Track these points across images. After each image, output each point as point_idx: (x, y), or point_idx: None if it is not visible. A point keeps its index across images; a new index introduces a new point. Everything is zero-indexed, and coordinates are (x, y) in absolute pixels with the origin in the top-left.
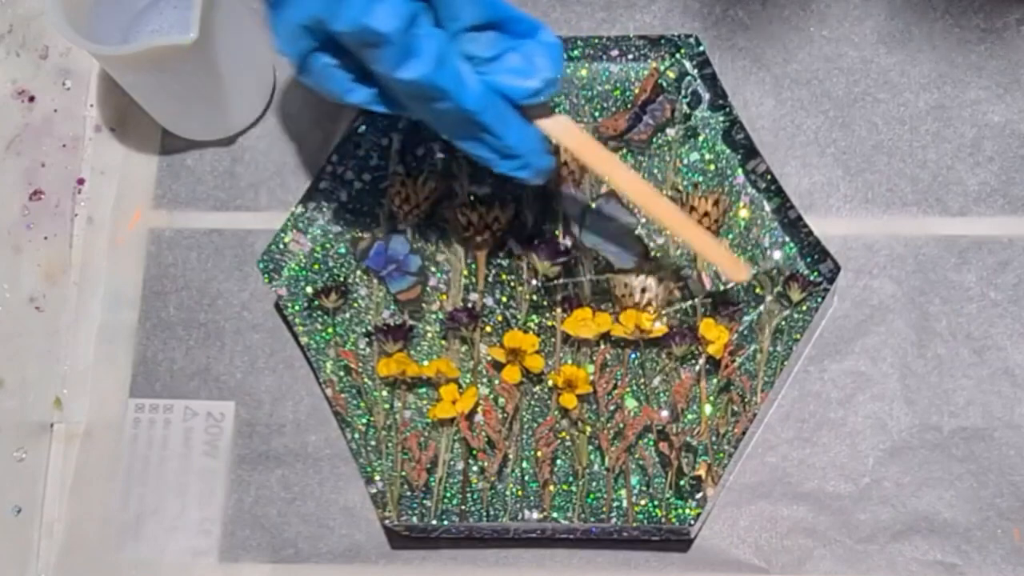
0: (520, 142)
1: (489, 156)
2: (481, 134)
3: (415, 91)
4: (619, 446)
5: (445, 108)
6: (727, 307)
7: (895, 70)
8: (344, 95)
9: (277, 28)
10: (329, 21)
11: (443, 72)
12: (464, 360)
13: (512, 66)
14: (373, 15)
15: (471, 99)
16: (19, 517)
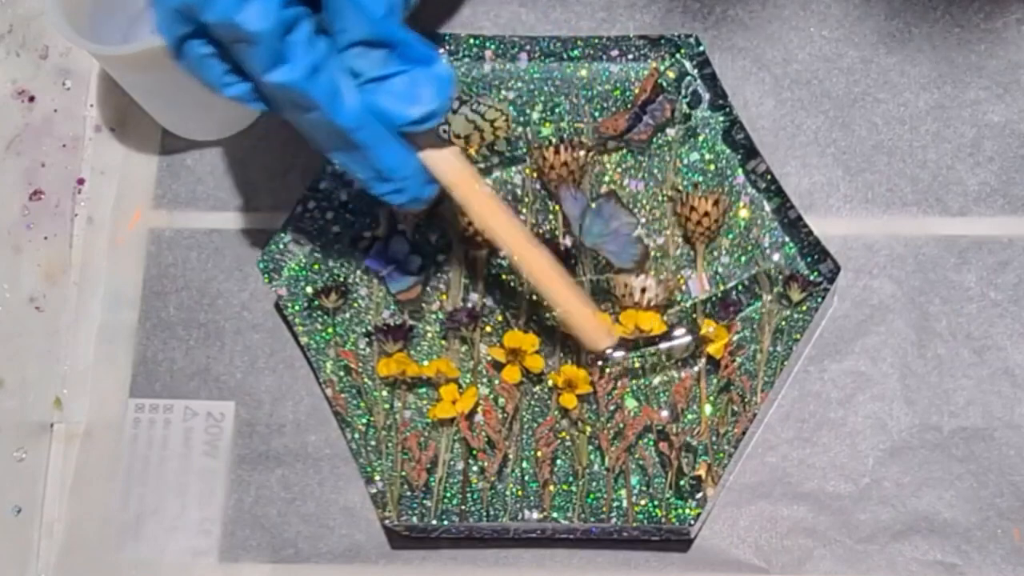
0: (397, 167)
1: (362, 175)
2: (355, 152)
3: (286, 96)
4: (619, 446)
5: (317, 119)
6: (727, 307)
7: (895, 70)
8: (219, 87)
9: (156, 7)
10: (200, 10)
11: (316, 82)
12: (464, 360)
13: (396, 90)
14: (243, 12)
15: (345, 115)
16: (19, 517)
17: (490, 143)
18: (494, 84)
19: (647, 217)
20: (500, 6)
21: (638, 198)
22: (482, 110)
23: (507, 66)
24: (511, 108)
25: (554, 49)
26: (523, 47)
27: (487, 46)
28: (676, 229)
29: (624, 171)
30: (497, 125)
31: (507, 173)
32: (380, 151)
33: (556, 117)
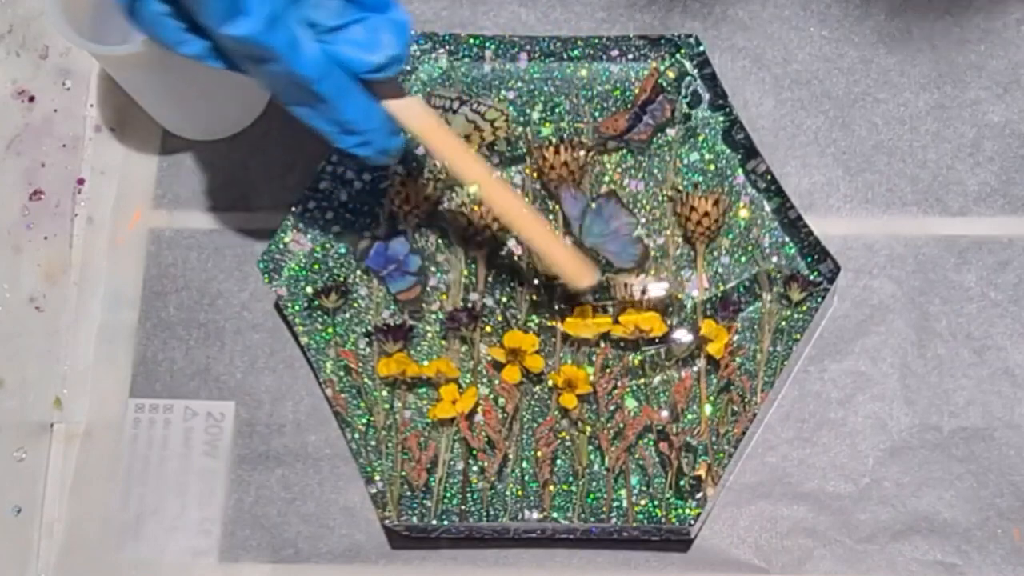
0: (361, 118)
1: (327, 128)
2: (318, 104)
3: (245, 50)
4: (619, 446)
5: (278, 71)
6: (727, 307)
7: (895, 70)
8: (176, 46)
9: None
10: None
11: (275, 33)
12: (464, 360)
13: (355, 38)
14: None
15: (306, 65)
16: (19, 517)
17: (490, 143)
18: (494, 84)
19: (647, 217)
20: (500, 6)
21: (638, 198)
22: (482, 110)
23: (507, 66)
24: (511, 108)
25: (554, 49)
26: (523, 47)
27: (487, 46)
28: (676, 229)
29: (624, 171)
30: (497, 125)
31: (507, 173)
32: (343, 102)
33: (556, 117)
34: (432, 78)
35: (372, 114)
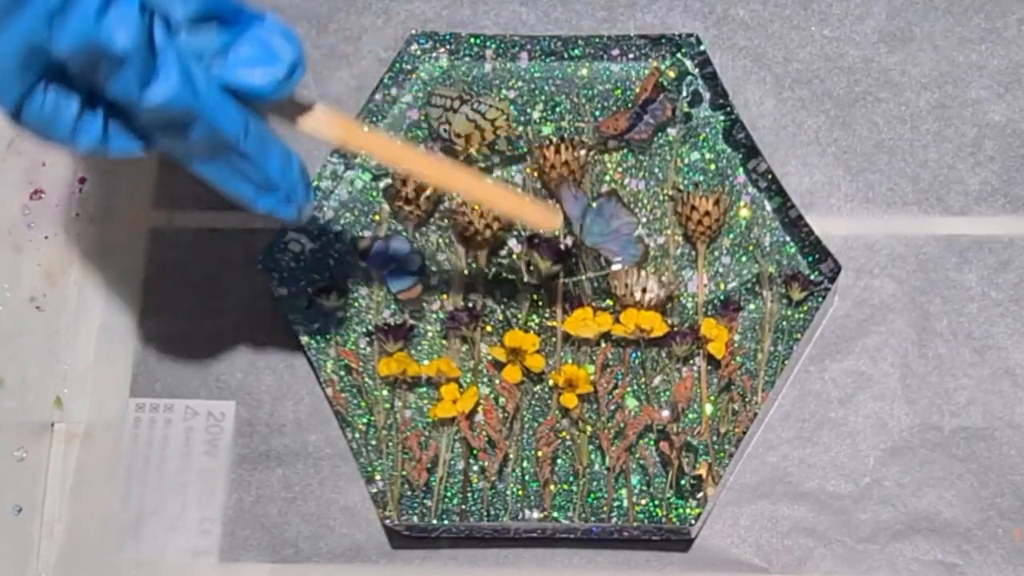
0: (282, 171)
1: (246, 190)
2: (238, 162)
3: (163, 119)
4: (619, 446)
5: (199, 135)
6: (727, 307)
7: (896, 69)
8: (74, 137)
9: None
10: (53, 38)
11: (193, 89)
12: (464, 360)
13: (247, 56)
14: (106, 30)
15: (230, 120)
16: (19, 517)
17: (491, 142)
18: (495, 83)
19: (648, 217)
20: (500, 6)
21: (639, 197)
22: (483, 109)
23: (508, 65)
24: (512, 107)
25: (555, 48)
26: (524, 46)
27: (488, 45)
28: (677, 229)
29: (625, 170)
30: (498, 124)
31: (507, 172)
32: (265, 155)
33: (557, 116)
34: (433, 77)
35: (291, 163)
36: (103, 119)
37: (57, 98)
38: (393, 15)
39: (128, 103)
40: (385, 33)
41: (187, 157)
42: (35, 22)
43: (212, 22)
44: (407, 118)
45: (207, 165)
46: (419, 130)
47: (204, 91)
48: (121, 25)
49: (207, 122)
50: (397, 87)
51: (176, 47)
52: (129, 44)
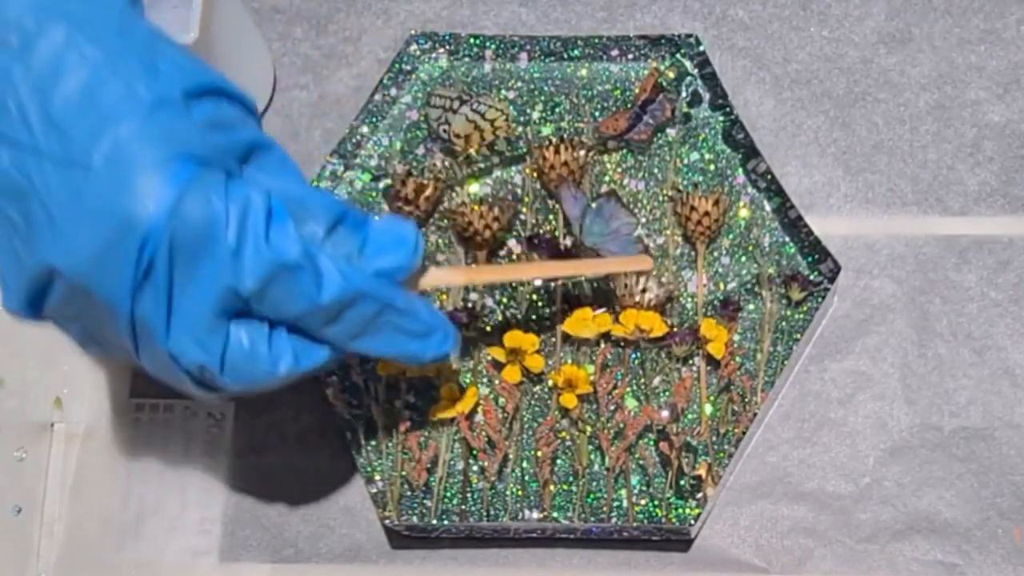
0: (429, 310)
1: (412, 346)
2: (399, 320)
3: (341, 310)
4: (619, 446)
5: (370, 312)
6: (727, 307)
7: (895, 70)
8: (275, 367)
9: (181, 340)
10: (239, 280)
11: (355, 276)
12: (464, 360)
13: (381, 245)
14: (276, 248)
15: (388, 289)
16: (19, 517)
17: (490, 143)
18: (494, 84)
19: (647, 217)
20: (500, 6)
21: (638, 198)
22: (482, 110)
23: (507, 66)
24: (511, 108)
25: (554, 49)
26: (523, 47)
27: (487, 46)
28: (676, 229)
29: (624, 171)
30: (497, 125)
31: (507, 173)
32: (413, 307)
33: (556, 117)
34: (432, 78)
35: (429, 305)
36: (288, 340)
37: (251, 333)
38: (393, 15)
39: (310, 309)
40: (385, 33)
41: (358, 340)
42: (220, 265)
43: (341, 228)
44: (407, 118)
45: (373, 337)
46: (418, 130)
47: (363, 277)
48: (286, 239)
49: (373, 298)
50: (397, 87)
51: (325, 251)
52: (298, 253)
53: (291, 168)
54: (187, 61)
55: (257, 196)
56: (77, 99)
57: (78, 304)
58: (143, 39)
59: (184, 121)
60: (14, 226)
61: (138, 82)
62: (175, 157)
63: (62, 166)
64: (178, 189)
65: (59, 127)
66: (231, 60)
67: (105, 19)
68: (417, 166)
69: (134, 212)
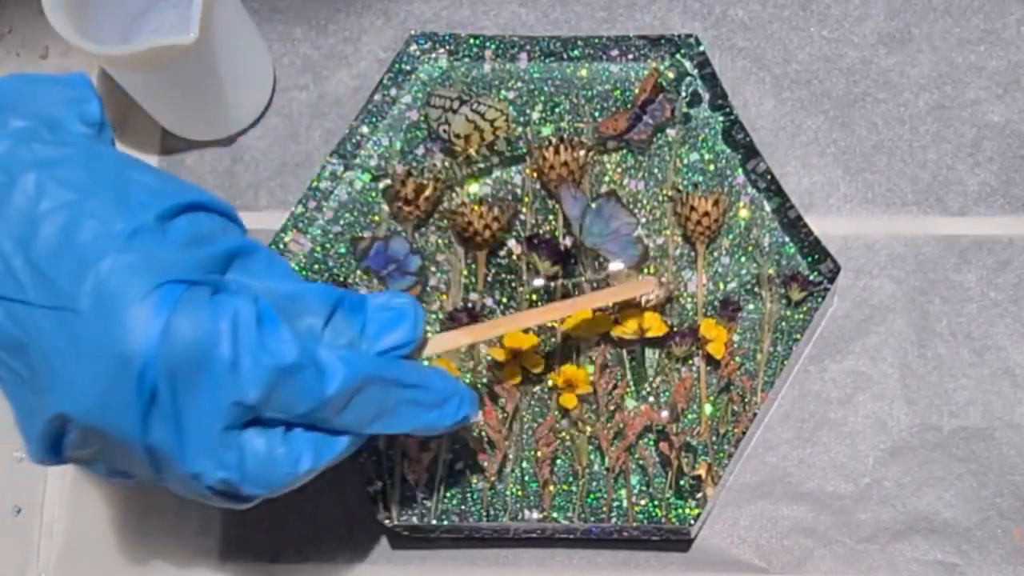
0: (442, 379)
1: (427, 417)
2: (412, 395)
3: (348, 400)
4: (619, 446)
5: (379, 393)
6: (727, 307)
7: (895, 70)
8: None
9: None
10: (242, 392)
11: (358, 364)
12: (464, 360)
13: (381, 325)
14: (273, 353)
15: (395, 369)
16: (19, 517)
17: (490, 143)
18: (494, 84)
19: (647, 217)
20: (500, 6)
21: (638, 198)
22: (482, 110)
23: (507, 66)
24: (511, 108)
25: (554, 49)
26: (523, 47)
27: (487, 46)
28: (676, 229)
29: (624, 171)
30: (497, 125)
31: (507, 173)
32: (424, 378)
33: (556, 117)
34: (432, 78)
35: (442, 373)
36: (305, 437)
37: (266, 439)
38: (392, 16)
39: (319, 404)
40: (384, 34)
41: (375, 423)
42: (220, 381)
43: (339, 315)
44: (406, 119)
45: (390, 417)
46: (418, 131)
47: (367, 361)
48: (281, 342)
49: (381, 379)
50: (396, 88)
51: (326, 342)
52: (295, 353)
53: (279, 266)
54: (157, 182)
55: (245, 304)
56: (56, 244)
57: (95, 443)
58: (111, 170)
59: (161, 245)
60: (21, 378)
61: (111, 216)
62: (157, 284)
63: (53, 313)
64: (165, 315)
65: (44, 275)
66: (231, 60)
67: (73, 158)
68: (417, 166)
69: (127, 347)
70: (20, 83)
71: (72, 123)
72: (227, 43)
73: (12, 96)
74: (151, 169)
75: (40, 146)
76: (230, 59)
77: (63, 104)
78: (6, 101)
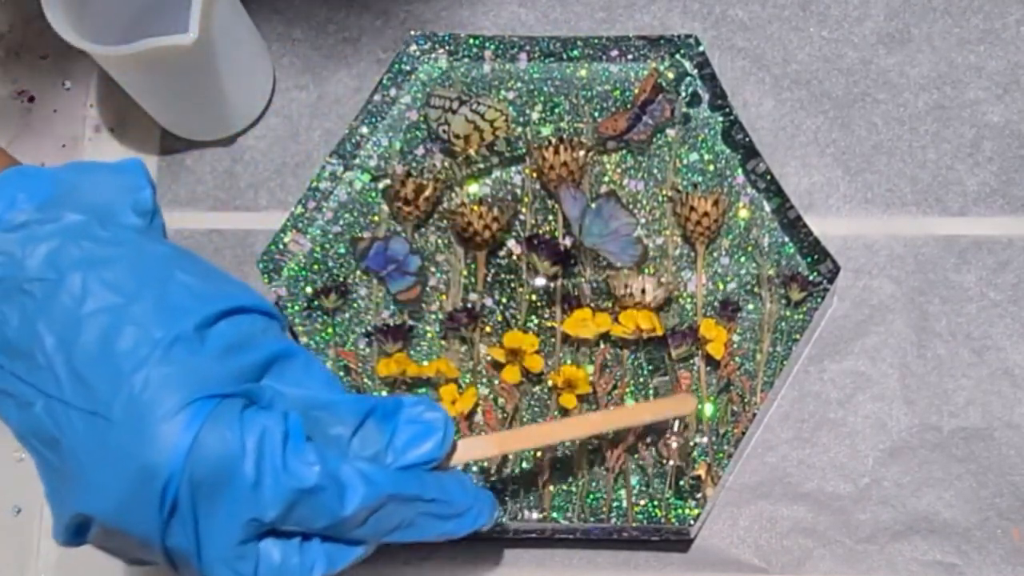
0: (463, 490)
1: (446, 528)
2: (432, 508)
3: (368, 516)
4: (619, 446)
5: (396, 510)
6: (726, 307)
7: (894, 71)
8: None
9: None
10: (261, 510)
11: (379, 482)
12: (464, 360)
13: (409, 438)
14: (296, 476)
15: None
16: (19, 517)
17: (490, 143)
18: (494, 84)
19: (647, 217)
20: (500, 6)
21: (638, 198)
22: (482, 110)
23: (507, 66)
24: (511, 108)
25: (554, 49)
26: (523, 47)
27: (487, 46)
28: (676, 229)
29: (624, 171)
30: (497, 125)
31: (507, 173)
32: (444, 491)
33: (556, 117)
34: (432, 78)
35: (465, 485)
36: (320, 547)
37: (281, 549)
38: (392, 16)
39: (336, 522)
40: (384, 34)
41: (392, 534)
42: (241, 498)
43: (369, 423)
44: (406, 119)
45: (407, 529)
46: (418, 131)
47: (388, 479)
48: (304, 465)
49: (401, 497)
50: (396, 88)
51: (349, 458)
52: (317, 475)
53: (316, 372)
54: (201, 285)
55: (273, 423)
56: (96, 350)
57: (117, 539)
58: (157, 271)
59: (198, 357)
60: (53, 468)
61: (152, 323)
62: (190, 400)
63: (87, 416)
64: (194, 431)
65: (82, 379)
66: (231, 60)
67: (120, 259)
68: (417, 166)
69: (154, 460)
70: (78, 174)
71: (125, 214)
72: (227, 43)
73: (69, 188)
74: (196, 265)
75: (90, 244)
76: (230, 59)
77: (117, 192)
78: (62, 193)
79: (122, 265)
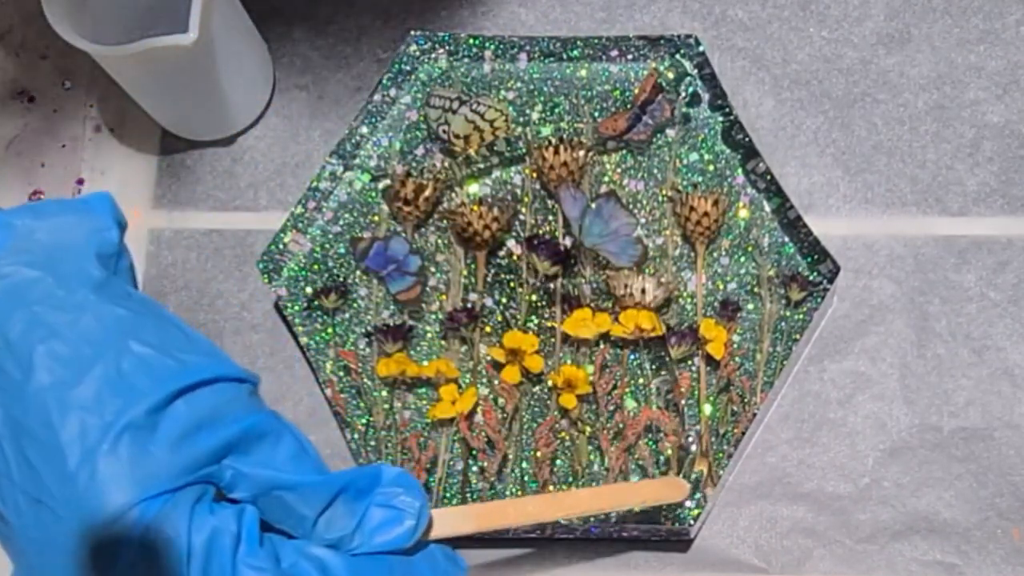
0: (432, 568)
1: None
2: None
3: None
4: (619, 446)
5: None
6: (726, 307)
7: (894, 71)
8: None
9: None
10: None
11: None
12: (464, 360)
13: (379, 522)
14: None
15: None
16: None
17: (490, 143)
18: (494, 84)
19: (647, 217)
20: (500, 6)
21: (637, 198)
22: (482, 110)
23: (507, 66)
24: (511, 108)
25: (554, 49)
26: (523, 47)
27: (487, 46)
28: (676, 229)
29: (624, 171)
30: (497, 125)
31: (507, 173)
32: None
33: (556, 117)
34: (431, 78)
35: (433, 558)
36: None
37: None
38: (392, 16)
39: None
40: (384, 34)
41: None
42: None
43: (339, 504)
44: (406, 119)
45: None
46: (418, 131)
47: (349, 569)
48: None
49: None
50: (396, 88)
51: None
52: None
53: (286, 446)
54: (158, 360)
55: (225, 523)
56: (41, 434)
57: None
58: (112, 339)
59: (149, 448)
60: (6, 536)
61: (101, 408)
62: (136, 500)
63: (33, 503)
64: (140, 531)
65: (28, 462)
66: (231, 60)
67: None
68: (417, 166)
69: (98, 562)
70: (35, 219)
71: (87, 261)
72: (227, 43)
73: (24, 235)
74: (158, 330)
75: (42, 309)
76: (230, 59)
77: (81, 236)
78: (18, 243)
79: (75, 335)
